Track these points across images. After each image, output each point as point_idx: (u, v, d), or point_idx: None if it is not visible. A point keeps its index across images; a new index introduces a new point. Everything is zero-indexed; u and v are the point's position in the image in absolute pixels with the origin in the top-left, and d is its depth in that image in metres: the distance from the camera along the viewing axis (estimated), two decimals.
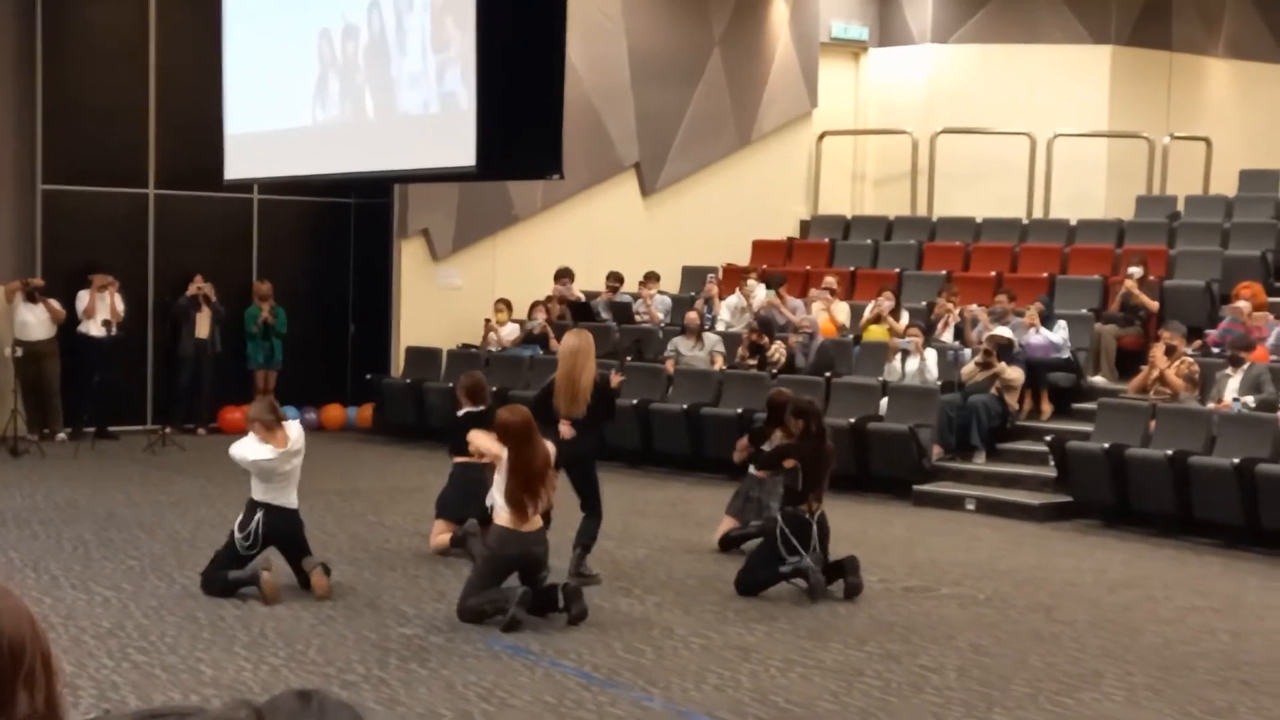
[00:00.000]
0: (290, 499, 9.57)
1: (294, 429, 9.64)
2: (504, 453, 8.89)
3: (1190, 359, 14.16)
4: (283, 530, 9.51)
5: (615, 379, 10.69)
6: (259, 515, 9.45)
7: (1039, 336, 15.50)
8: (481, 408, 11.10)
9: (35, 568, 10.20)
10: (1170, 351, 14.09)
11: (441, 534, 10.98)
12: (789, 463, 10.14)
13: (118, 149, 17.53)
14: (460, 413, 11.28)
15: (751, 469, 11.43)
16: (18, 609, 2.37)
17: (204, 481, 13.97)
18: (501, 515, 8.94)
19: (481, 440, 9.20)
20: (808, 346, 16.03)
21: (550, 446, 9.19)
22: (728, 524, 11.53)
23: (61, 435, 16.70)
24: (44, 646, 2.38)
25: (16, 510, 12.43)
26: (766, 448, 11.03)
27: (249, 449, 9.48)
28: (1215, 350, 14.72)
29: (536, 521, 9.00)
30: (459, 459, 10.89)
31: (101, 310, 16.86)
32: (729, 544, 11.35)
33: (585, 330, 11.07)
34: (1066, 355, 15.60)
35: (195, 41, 16.26)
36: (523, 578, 9.00)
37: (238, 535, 9.49)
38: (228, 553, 9.52)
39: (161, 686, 7.53)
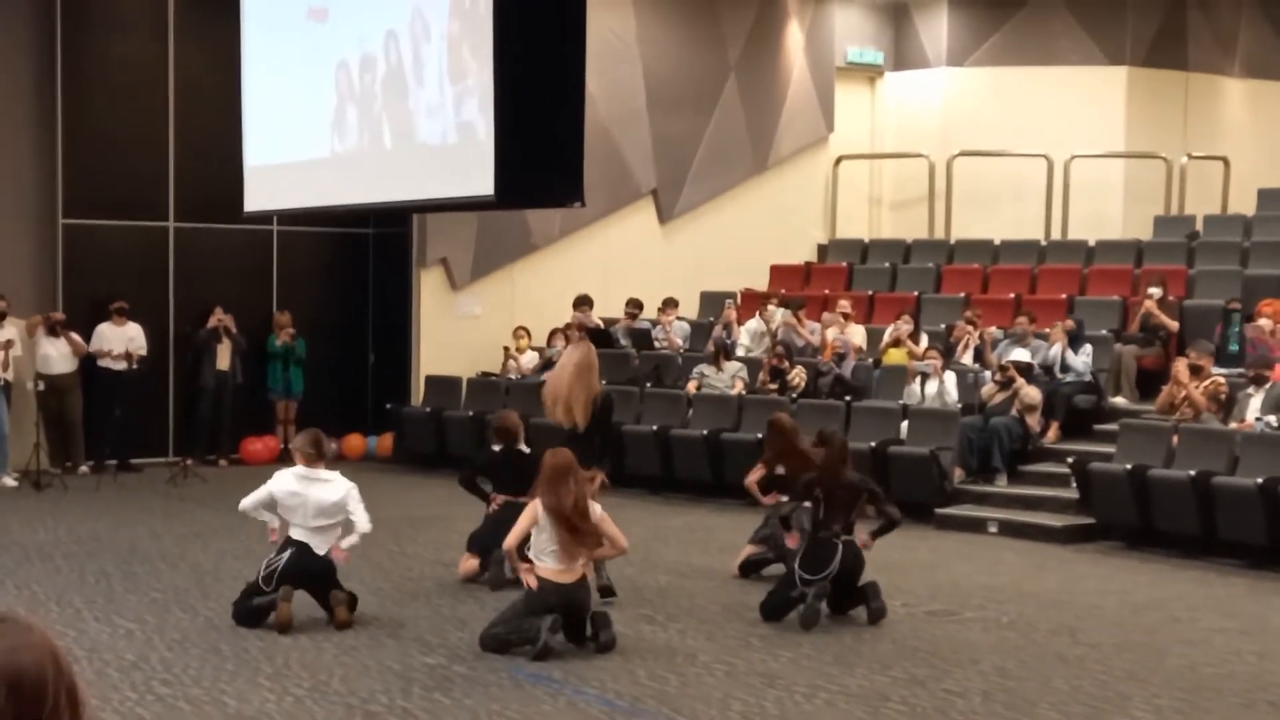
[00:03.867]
0: (319, 544, 9.53)
1: (335, 479, 9.61)
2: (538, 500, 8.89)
3: (1220, 380, 14.09)
4: (306, 569, 9.46)
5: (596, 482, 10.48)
6: (287, 552, 9.45)
7: (1055, 355, 15.51)
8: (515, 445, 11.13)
9: (59, 601, 10.22)
10: (1196, 371, 14.04)
11: (470, 561, 10.96)
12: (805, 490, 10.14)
13: (137, 182, 17.61)
14: (497, 447, 11.24)
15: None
16: (41, 645, 2.37)
17: (226, 513, 13.94)
18: (543, 565, 8.90)
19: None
20: (842, 365, 16.04)
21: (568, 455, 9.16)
22: (748, 550, 11.50)
23: (84, 468, 16.74)
24: (69, 681, 2.38)
25: (40, 544, 12.46)
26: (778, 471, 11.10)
27: (271, 482, 9.53)
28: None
29: (579, 571, 8.97)
30: (502, 496, 10.88)
31: (120, 344, 16.92)
32: (748, 569, 11.33)
33: (587, 343, 11.17)
34: (1088, 378, 15.56)
35: (214, 74, 16.35)
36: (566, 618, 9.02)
37: (262, 570, 9.50)
38: (255, 583, 9.54)
39: (185, 718, 7.53)
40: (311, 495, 9.50)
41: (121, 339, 16.98)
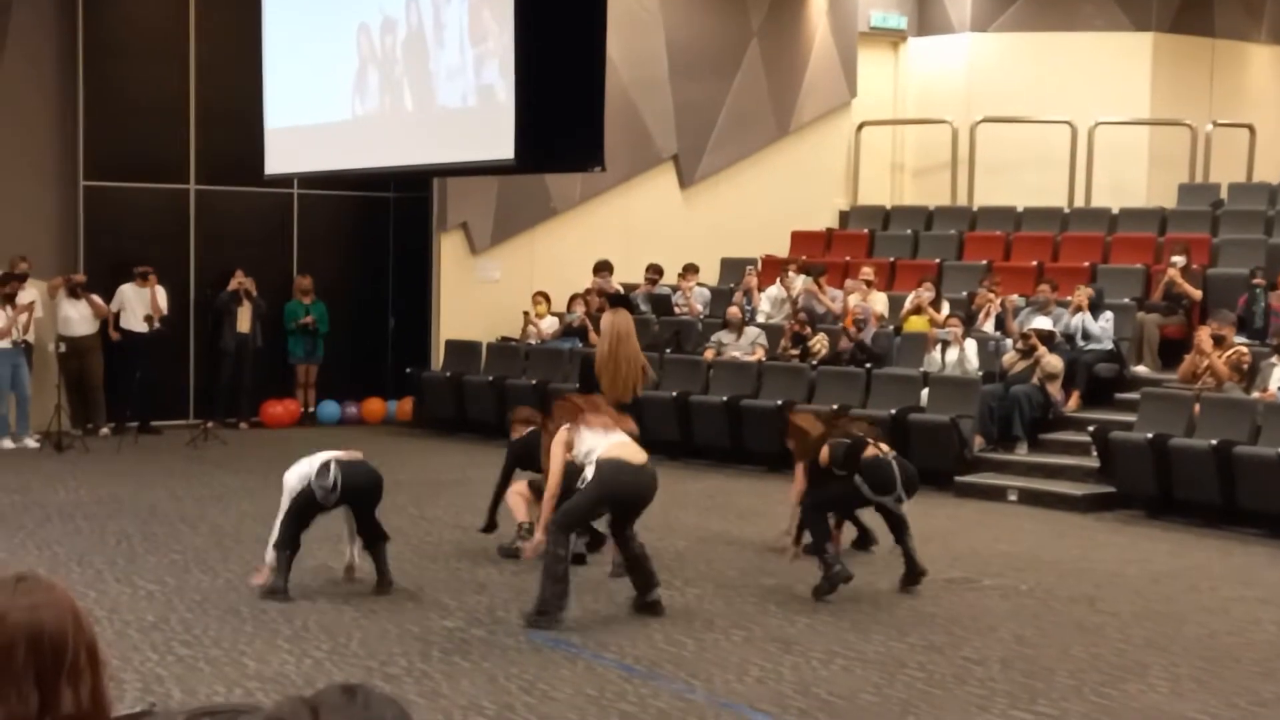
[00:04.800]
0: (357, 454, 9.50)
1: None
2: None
3: (1243, 349, 14.02)
4: (353, 484, 9.36)
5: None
6: (331, 471, 9.28)
7: (1076, 323, 15.45)
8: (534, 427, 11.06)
9: (80, 562, 10.27)
10: (1219, 341, 13.97)
11: (521, 493, 10.69)
12: (824, 456, 10.01)
13: (158, 145, 17.63)
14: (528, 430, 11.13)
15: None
16: (60, 603, 2.38)
17: (246, 475, 14.02)
18: (611, 452, 8.73)
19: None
20: (863, 332, 15.98)
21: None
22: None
23: (104, 430, 16.81)
24: (89, 640, 2.38)
25: (61, 505, 12.52)
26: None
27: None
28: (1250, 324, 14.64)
29: (644, 454, 8.87)
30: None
31: (142, 306, 16.97)
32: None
33: (623, 310, 11.06)
34: (1109, 345, 15.50)
35: (235, 37, 16.33)
36: (624, 514, 8.94)
37: (317, 485, 9.27)
38: (303, 507, 9.36)
39: (205, 679, 7.57)
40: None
41: (143, 301, 17.02)
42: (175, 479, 14.03)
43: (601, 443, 8.78)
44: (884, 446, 9.99)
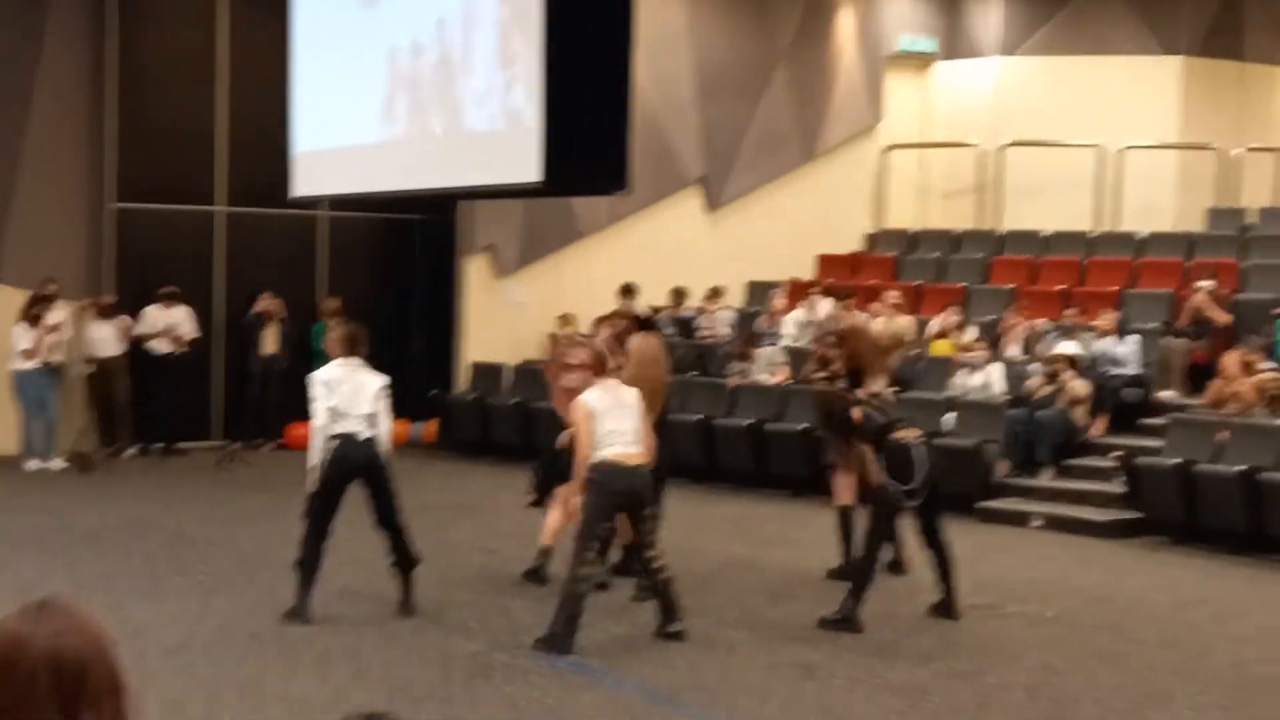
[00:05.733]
0: (362, 433, 9.30)
1: (370, 370, 9.50)
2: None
3: (1272, 374, 13.94)
4: (351, 457, 9.24)
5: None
6: (334, 445, 9.20)
7: (1105, 347, 15.40)
8: None
9: (104, 584, 10.28)
10: (1246, 366, 13.90)
11: (560, 506, 10.44)
12: (857, 414, 9.84)
13: (187, 167, 17.72)
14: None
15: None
16: (83, 630, 2.39)
17: (271, 497, 14.05)
18: (605, 453, 8.74)
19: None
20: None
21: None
22: (844, 482, 10.89)
23: (130, 451, 16.86)
24: (111, 666, 2.39)
25: (86, 526, 12.56)
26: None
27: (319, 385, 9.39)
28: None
29: (639, 454, 8.85)
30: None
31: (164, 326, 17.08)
32: (848, 517, 10.75)
33: (652, 335, 11.01)
34: (1136, 370, 15.44)
35: (264, 60, 16.39)
36: (629, 515, 8.96)
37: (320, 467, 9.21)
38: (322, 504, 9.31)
39: (228, 704, 7.57)
40: (357, 379, 9.39)
41: (169, 322, 17.09)
42: (201, 501, 14.07)
43: (605, 427, 8.75)
44: (915, 431, 9.78)
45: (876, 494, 9.70)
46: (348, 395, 9.33)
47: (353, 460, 9.27)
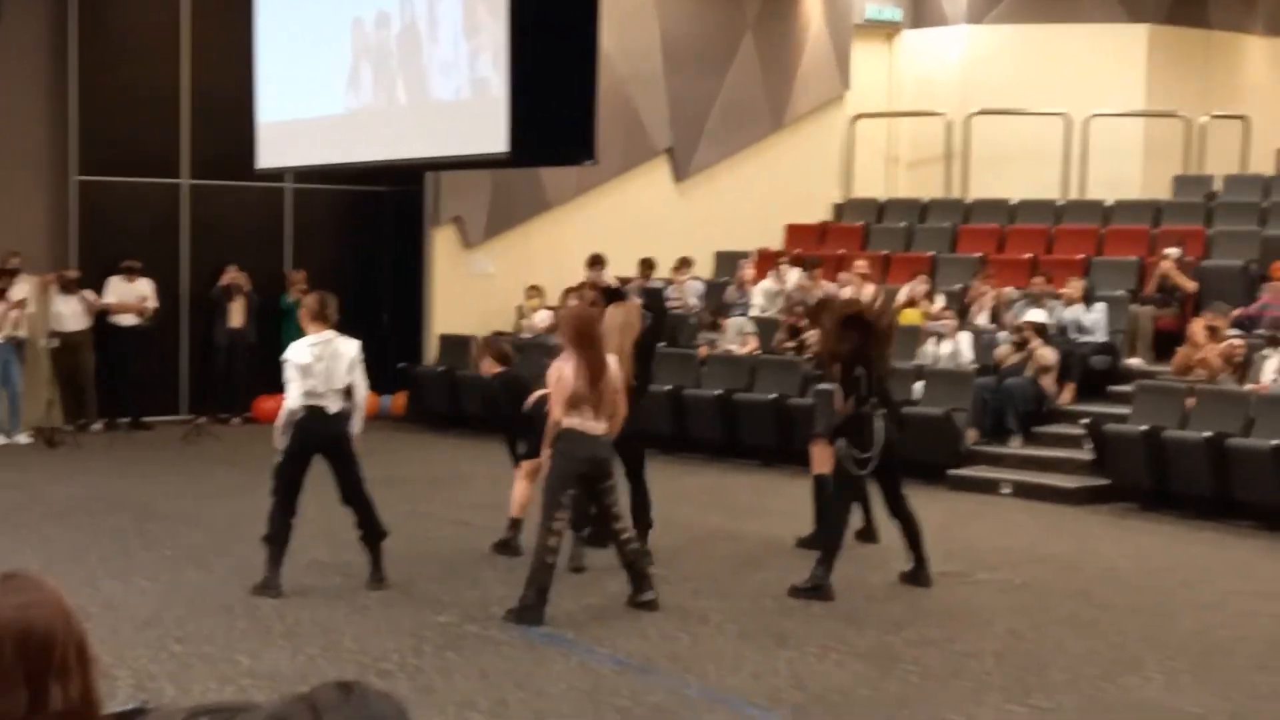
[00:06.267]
0: (332, 404, 9.27)
1: (342, 338, 9.43)
2: (567, 360, 8.77)
3: (1238, 342, 14.02)
4: (318, 431, 9.20)
5: None
6: (299, 418, 9.17)
7: (1073, 314, 15.45)
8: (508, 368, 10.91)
9: (74, 559, 10.23)
10: (1212, 332, 13.97)
11: (527, 478, 10.46)
12: (834, 368, 9.81)
13: (151, 139, 17.58)
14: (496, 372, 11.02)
15: (819, 385, 10.98)
16: (49, 602, 2.37)
17: (239, 471, 13.99)
18: (569, 419, 8.72)
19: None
20: None
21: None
22: (819, 454, 10.82)
23: (96, 426, 16.77)
24: (78, 638, 2.38)
25: (54, 501, 12.49)
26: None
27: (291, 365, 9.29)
28: (1250, 327, 14.58)
29: (603, 425, 8.82)
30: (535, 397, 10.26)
31: (129, 299, 16.95)
32: (823, 487, 10.68)
33: (615, 305, 10.95)
34: (1103, 338, 15.49)
35: (228, 30, 16.25)
36: (587, 487, 8.91)
37: (282, 444, 9.21)
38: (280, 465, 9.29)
39: (199, 677, 7.54)
40: (331, 353, 9.29)
41: (131, 295, 16.99)
42: (169, 475, 14.01)
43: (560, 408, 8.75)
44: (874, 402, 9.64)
45: (835, 465, 9.75)
46: (323, 375, 9.27)
47: (316, 435, 9.24)
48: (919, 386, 14.85)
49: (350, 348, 9.42)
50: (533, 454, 10.16)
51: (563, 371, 8.78)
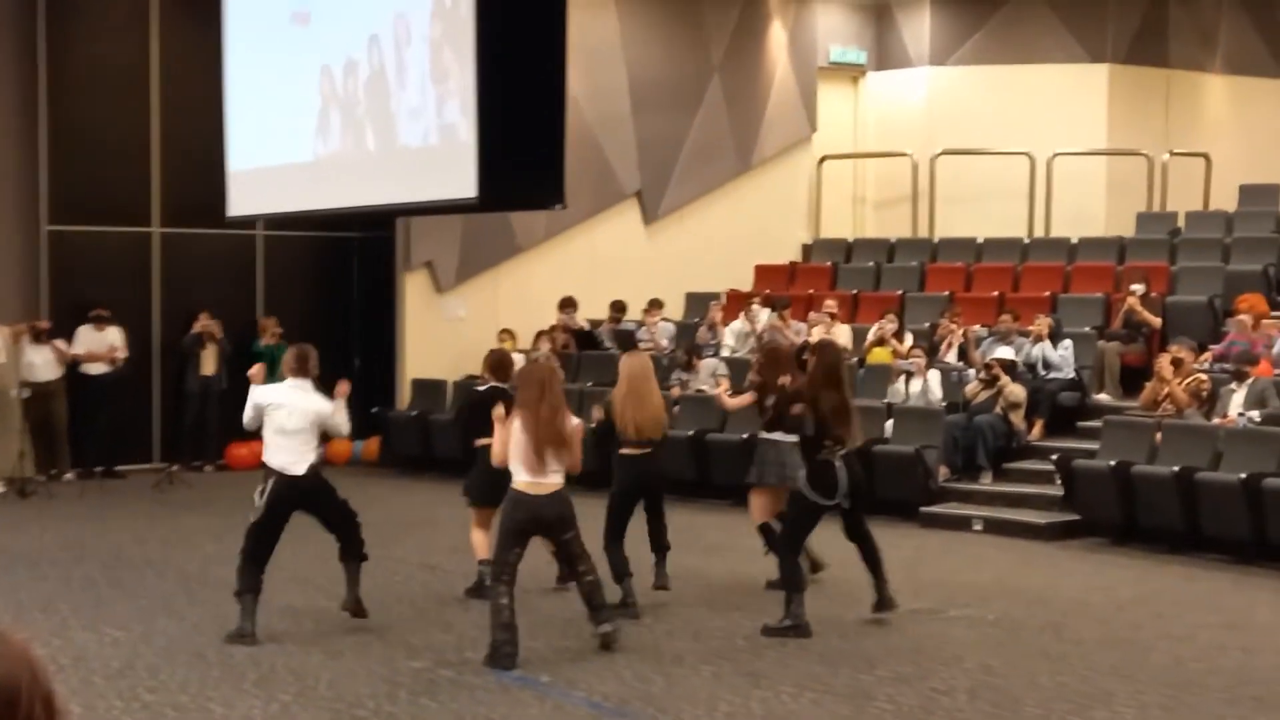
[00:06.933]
0: (297, 462, 9.32)
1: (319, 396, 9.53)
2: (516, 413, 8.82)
3: (1203, 376, 14.14)
4: (295, 487, 9.26)
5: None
6: (269, 481, 9.23)
7: (1038, 353, 15.57)
8: (505, 384, 10.75)
9: (45, 608, 10.20)
10: (1178, 365, 14.09)
11: (479, 527, 10.60)
12: (795, 409, 9.83)
13: (122, 187, 17.60)
14: (482, 388, 11.05)
15: (762, 433, 11.17)
16: (15, 655, 2.37)
17: (212, 518, 13.96)
18: (518, 477, 8.78)
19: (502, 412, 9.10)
20: None
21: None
22: (759, 503, 11.07)
23: (69, 475, 16.71)
24: (44, 692, 2.38)
25: (25, 551, 12.44)
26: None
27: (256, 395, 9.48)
28: (1219, 365, 14.72)
29: (551, 483, 8.79)
30: (482, 441, 10.33)
31: (99, 348, 16.92)
32: (771, 532, 10.86)
33: (642, 353, 11.15)
34: (1071, 374, 15.61)
35: (198, 79, 16.26)
36: (550, 540, 9.11)
37: (259, 502, 9.26)
38: (255, 525, 9.33)
39: None
40: (296, 403, 9.42)
41: (100, 344, 16.97)
42: (140, 523, 13.97)
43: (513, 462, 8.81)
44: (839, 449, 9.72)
45: (793, 500, 9.81)
46: (280, 421, 9.35)
47: (291, 500, 9.32)
48: (889, 425, 14.93)
49: (318, 405, 9.49)
50: (474, 498, 10.49)
51: (512, 427, 8.82)
